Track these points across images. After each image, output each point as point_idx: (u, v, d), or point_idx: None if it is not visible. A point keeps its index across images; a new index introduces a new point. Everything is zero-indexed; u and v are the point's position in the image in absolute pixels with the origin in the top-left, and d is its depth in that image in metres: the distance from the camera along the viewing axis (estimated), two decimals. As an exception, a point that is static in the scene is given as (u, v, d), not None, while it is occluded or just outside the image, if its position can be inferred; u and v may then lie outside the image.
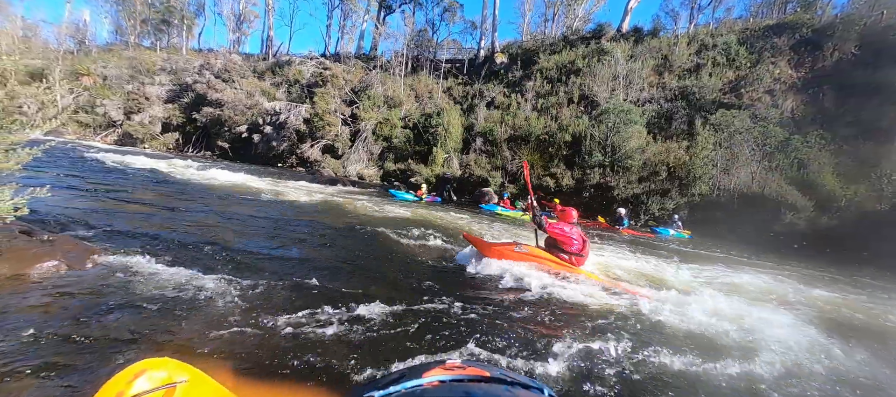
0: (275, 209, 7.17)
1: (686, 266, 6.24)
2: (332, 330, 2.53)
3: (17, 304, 2.30)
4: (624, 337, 2.94)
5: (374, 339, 2.49)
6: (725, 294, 4.37)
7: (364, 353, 2.30)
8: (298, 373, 2.05)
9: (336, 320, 2.66)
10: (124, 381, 0.92)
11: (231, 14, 33.95)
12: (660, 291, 4.24)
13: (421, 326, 2.77)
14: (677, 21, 23.90)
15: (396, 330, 2.67)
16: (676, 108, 15.98)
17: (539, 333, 2.93)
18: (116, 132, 22.79)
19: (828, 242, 10.00)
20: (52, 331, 2.08)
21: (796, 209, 10.90)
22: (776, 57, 16.71)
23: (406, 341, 2.53)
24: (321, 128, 19.09)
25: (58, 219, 4.21)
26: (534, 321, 3.18)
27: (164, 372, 0.98)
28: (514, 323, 3.08)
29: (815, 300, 4.98)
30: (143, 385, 0.93)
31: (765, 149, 12.67)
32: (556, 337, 2.86)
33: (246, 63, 26.92)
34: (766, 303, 4.39)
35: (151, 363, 0.99)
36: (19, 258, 2.72)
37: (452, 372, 0.93)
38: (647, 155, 13.67)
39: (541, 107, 18.30)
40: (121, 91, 24.21)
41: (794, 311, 4.21)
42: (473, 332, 2.77)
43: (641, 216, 12.85)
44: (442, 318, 2.96)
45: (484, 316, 3.12)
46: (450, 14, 28.01)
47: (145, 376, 0.94)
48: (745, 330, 3.36)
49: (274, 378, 1.99)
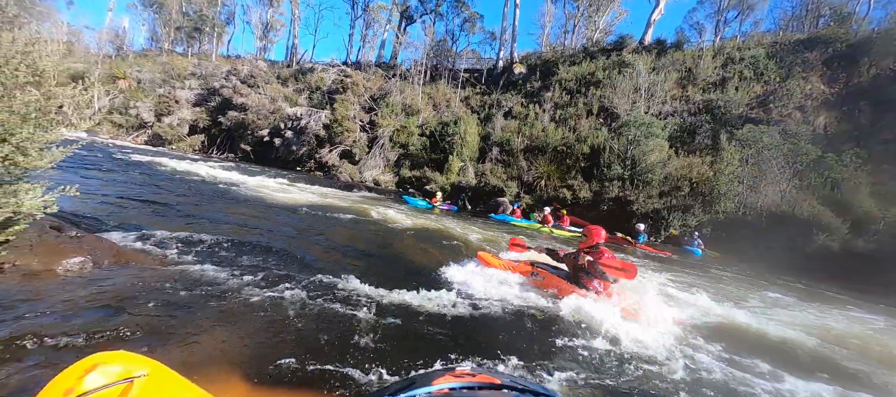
0: (291, 212, 7.28)
1: (708, 288, 5.98)
2: (341, 333, 2.52)
3: (43, 295, 2.38)
4: (640, 359, 2.81)
5: (381, 344, 2.46)
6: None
7: (372, 358, 2.27)
8: (308, 379, 2.04)
9: (345, 324, 2.65)
10: (74, 377, 0.85)
11: (259, 22, 35.29)
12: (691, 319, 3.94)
13: (429, 333, 2.72)
14: (702, 34, 23.46)
15: (405, 336, 2.63)
16: (700, 122, 15.54)
17: (552, 347, 2.84)
18: (147, 133, 23.83)
19: (864, 265, 9.42)
20: (70, 321, 2.13)
21: (830, 230, 10.34)
22: (808, 72, 16.08)
23: (414, 348, 2.49)
24: (340, 134, 19.45)
25: (87, 217, 4.38)
26: (546, 337, 3.09)
27: (118, 366, 0.90)
28: (526, 336, 2.99)
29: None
30: (97, 380, 0.85)
31: (795, 167, 12.13)
32: (569, 351, 2.77)
33: (271, 69, 27.83)
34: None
35: (105, 357, 0.91)
36: (49, 252, 2.83)
37: (462, 379, 0.92)
38: (669, 169, 13.30)
39: (559, 119, 18.13)
40: (153, 94, 25.41)
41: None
42: (483, 342, 2.71)
43: (661, 232, 12.46)
44: (451, 326, 2.90)
45: (494, 327, 3.05)
46: (470, 25, 28.32)
47: (98, 370, 0.87)
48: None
49: (286, 382, 1.98)
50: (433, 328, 2.87)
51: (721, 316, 4.28)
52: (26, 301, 2.27)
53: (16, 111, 1.70)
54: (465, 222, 10.15)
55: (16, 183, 1.86)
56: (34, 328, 2.03)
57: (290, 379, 2.01)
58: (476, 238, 7.56)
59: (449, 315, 3.16)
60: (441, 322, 3.02)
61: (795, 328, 4.22)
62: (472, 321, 3.11)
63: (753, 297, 5.80)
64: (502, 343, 2.81)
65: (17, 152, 1.75)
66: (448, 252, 5.77)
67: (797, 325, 4.38)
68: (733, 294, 5.80)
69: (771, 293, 6.30)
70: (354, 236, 6.07)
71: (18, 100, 1.69)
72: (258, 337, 2.36)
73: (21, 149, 1.78)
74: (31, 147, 1.86)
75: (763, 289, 6.61)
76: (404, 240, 6.09)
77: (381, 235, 6.43)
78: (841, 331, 4.49)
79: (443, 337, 2.74)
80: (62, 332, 2.04)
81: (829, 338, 4.07)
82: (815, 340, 3.89)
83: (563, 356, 2.79)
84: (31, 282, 2.49)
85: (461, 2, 28.17)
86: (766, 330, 3.97)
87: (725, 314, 4.36)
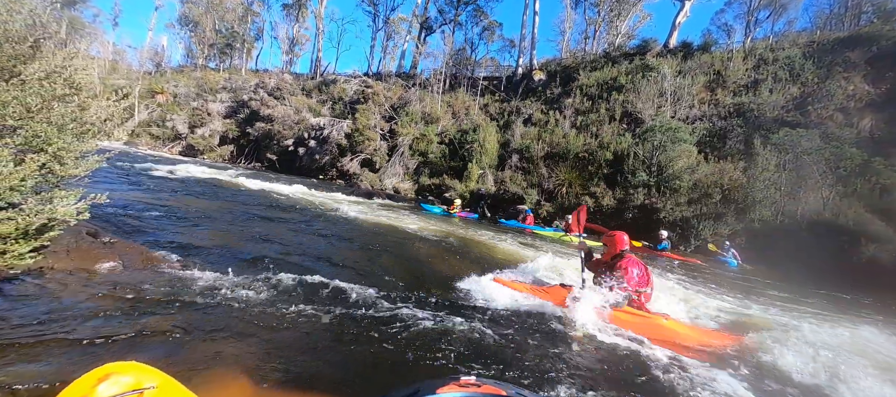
0: (313, 219, 7.43)
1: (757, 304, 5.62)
2: (349, 339, 2.50)
3: (75, 298, 2.50)
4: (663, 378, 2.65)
5: (386, 351, 2.43)
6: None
7: (376, 365, 2.24)
8: (314, 384, 2.03)
9: (352, 329, 2.63)
10: (87, 386, 0.88)
11: (285, 37, 36.75)
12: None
13: (436, 342, 2.66)
14: (731, 35, 22.52)
15: (410, 343, 2.59)
16: (731, 126, 14.86)
17: (561, 363, 2.71)
18: (181, 144, 25.14)
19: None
20: (97, 324, 2.22)
21: (879, 240, 9.56)
22: (849, 72, 15.12)
23: (419, 356, 2.44)
24: (361, 143, 19.83)
25: (120, 223, 4.61)
26: (557, 352, 2.96)
27: (130, 376, 0.93)
28: (536, 351, 2.88)
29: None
30: (109, 390, 0.88)
31: (838, 173, 11.34)
32: (578, 368, 2.64)
33: (296, 82, 28.86)
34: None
35: (117, 367, 0.94)
36: (83, 257, 2.98)
37: (467, 389, 0.92)
38: (698, 175, 12.73)
39: (580, 125, 17.79)
40: (187, 107, 26.85)
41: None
42: (489, 353, 2.63)
43: (691, 241, 11.90)
44: (458, 336, 2.83)
45: (502, 339, 2.95)
46: (489, 33, 28.46)
47: (110, 380, 0.89)
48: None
49: (293, 390, 1.98)
50: (439, 337, 2.82)
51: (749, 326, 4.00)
52: (59, 303, 2.38)
53: (53, 122, 1.80)
54: (484, 230, 10.05)
55: (51, 190, 1.97)
56: (64, 329, 2.12)
57: (297, 386, 2.00)
58: (497, 247, 7.46)
59: (458, 326, 3.09)
60: (448, 331, 2.96)
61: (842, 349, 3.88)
62: (480, 334, 3.03)
63: (796, 314, 5.40)
64: (509, 356, 2.72)
65: (54, 161, 1.86)
66: (464, 261, 5.71)
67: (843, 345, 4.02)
68: (774, 311, 5.42)
69: (812, 308, 5.86)
70: (370, 243, 6.11)
71: (55, 111, 1.80)
72: (269, 344, 2.38)
73: (57, 157, 1.88)
74: (67, 156, 1.97)
75: (806, 305, 6.15)
76: (419, 247, 6.09)
77: (396, 242, 6.44)
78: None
79: (448, 348, 2.67)
80: (89, 334, 2.12)
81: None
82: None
83: (578, 374, 2.67)
84: (66, 285, 2.62)
85: (480, 11, 28.42)
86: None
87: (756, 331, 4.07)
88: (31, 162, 1.72)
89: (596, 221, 13.06)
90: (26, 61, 1.71)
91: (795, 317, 4.83)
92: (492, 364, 2.51)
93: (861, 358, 3.52)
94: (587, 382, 2.49)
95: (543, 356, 2.77)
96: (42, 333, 2.03)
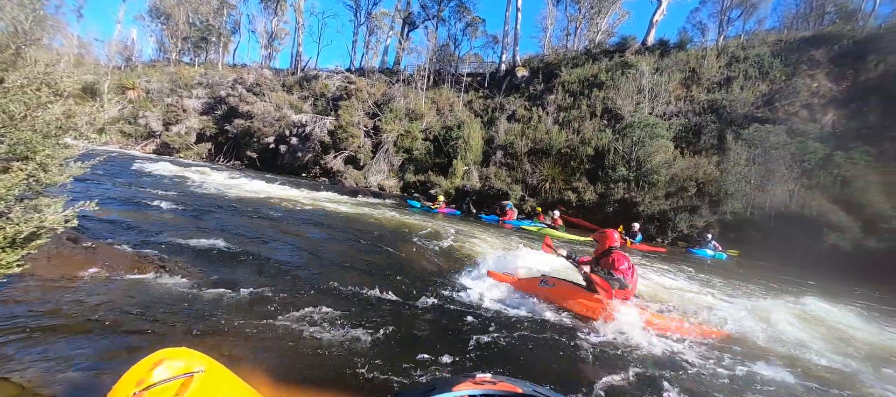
0: (299, 218, 7.37)
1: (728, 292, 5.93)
2: (358, 336, 2.55)
3: (61, 305, 2.45)
4: (664, 376, 2.82)
5: (400, 348, 2.49)
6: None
7: (391, 362, 2.30)
8: (326, 379, 2.08)
9: (361, 327, 2.68)
10: (145, 369, 0.94)
11: (264, 31, 35.73)
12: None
13: (448, 339, 2.74)
14: (705, 33, 23.36)
15: (423, 340, 2.66)
16: (705, 122, 15.46)
17: (565, 359, 2.85)
18: (155, 142, 24.21)
19: (876, 265, 9.29)
20: (87, 329, 2.19)
21: (841, 229, 10.21)
22: (813, 69, 15.94)
23: (433, 353, 2.51)
24: (344, 140, 19.61)
25: (100, 227, 4.48)
26: (559, 348, 3.10)
27: (182, 361, 1.00)
28: (536, 347, 3.01)
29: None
30: (163, 373, 0.94)
31: (804, 166, 12.01)
32: (585, 363, 2.77)
33: (276, 77, 28.17)
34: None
35: (170, 352, 1.01)
36: (66, 263, 2.91)
37: (483, 386, 0.93)
38: (675, 170, 13.22)
39: (562, 121, 18.12)
40: (161, 104, 25.82)
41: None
42: (504, 351, 2.73)
43: (668, 233, 12.38)
44: (471, 333, 2.93)
45: (503, 336, 3.06)
46: (472, 29, 28.49)
47: (165, 365, 0.96)
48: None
49: (301, 382, 2.02)
50: (452, 334, 2.90)
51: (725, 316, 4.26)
52: (45, 310, 2.33)
53: (38, 130, 1.77)
54: (468, 226, 10.17)
55: (36, 198, 1.93)
56: (52, 335, 2.09)
57: (301, 380, 2.05)
58: (475, 242, 7.58)
59: (460, 322, 3.19)
60: (452, 329, 3.04)
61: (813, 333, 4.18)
62: (480, 329, 3.13)
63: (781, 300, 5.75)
64: (509, 352, 2.83)
65: (40, 169, 1.82)
66: (448, 259, 5.79)
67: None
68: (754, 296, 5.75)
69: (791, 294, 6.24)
70: (363, 241, 6.12)
71: (40, 119, 1.77)
72: (263, 343, 2.40)
73: (43, 165, 1.85)
74: (52, 163, 1.93)
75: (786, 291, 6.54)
76: (409, 245, 6.13)
77: (389, 240, 6.47)
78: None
79: (463, 344, 2.76)
80: (78, 341, 2.10)
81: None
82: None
83: (577, 367, 2.80)
84: (51, 292, 2.56)
85: (463, 6, 28.38)
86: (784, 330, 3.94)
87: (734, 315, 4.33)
88: (18, 171, 1.69)
89: (580, 217, 13.41)
90: (8, 69, 1.67)
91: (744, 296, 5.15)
92: (488, 356, 2.60)
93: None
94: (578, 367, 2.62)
95: (540, 347, 2.89)
96: (29, 341, 2.00)
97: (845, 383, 2.96)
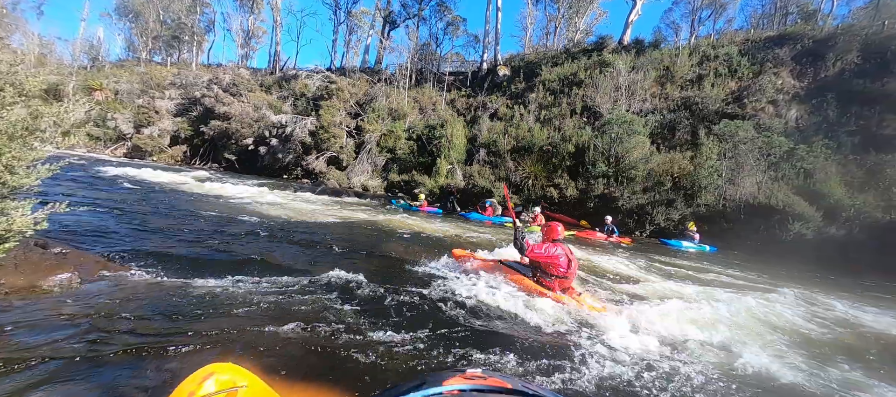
0: (279, 220, 7.25)
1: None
2: (345, 335, 2.56)
3: (30, 314, 2.36)
4: (623, 360, 2.94)
5: (389, 346, 2.51)
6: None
7: (380, 359, 2.32)
8: (309, 377, 2.09)
9: (348, 326, 2.69)
10: (195, 382, 1.00)
11: (240, 30, 34.80)
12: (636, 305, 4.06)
13: (435, 337, 2.78)
14: (678, 33, 24.18)
15: (411, 338, 2.69)
16: (679, 119, 16.02)
17: (525, 347, 2.93)
18: (126, 145, 23.24)
19: (836, 251, 9.89)
20: (59, 341, 2.13)
21: (804, 219, 10.80)
22: (778, 67, 16.77)
23: (421, 350, 2.55)
24: (326, 141, 19.33)
25: (70, 232, 4.30)
26: (501, 337, 3.18)
27: (227, 375, 1.05)
28: (491, 337, 3.08)
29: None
30: (210, 387, 0.99)
31: (770, 159, 12.63)
32: (536, 350, 2.87)
33: (253, 77, 27.48)
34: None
35: (218, 367, 1.06)
36: (34, 270, 2.79)
37: (473, 381, 0.93)
38: (651, 165, 13.67)
39: (543, 119, 18.42)
40: (131, 105, 24.78)
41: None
42: (493, 345, 2.78)
43: (646, 226, 12.79)
44: (459, 330, 2.97)
45: (499, 330, 3.13)
46: (453, 28, 28.55)
47: (213, 378, 1.01)
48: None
49: (285, 380, 2.02)
50: (439, 331, 2.94)
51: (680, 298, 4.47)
52: (12, 320, 2.25)
53: (3, 131, 1.71)
54: (449, 223, 10.24)
55: (3, 201, 1.86)
56: (18, 345, 2.02)
57: (284, 379, 2.05)
58: (454, 236, 7.66)
59: (457, 318, 3.23)
60: (449, 325, 3.08)
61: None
62: (476, 326, 3.18)
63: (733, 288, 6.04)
64: (502, 346, 2.89)
65: (6, 171, 1.76)
66: (424, 251, 5.84)
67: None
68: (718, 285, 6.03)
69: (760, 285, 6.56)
70: (348, 242, 6.08)
71: (5, 120, 1.70)
72: (249, 344, 2.39)
73: (9, 168, 1.78)
74: (18, 165, 1.87)
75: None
76: (390, 243, 6.14)
77: (372, 238, 6.45)
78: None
79: (450, 340, 2.80)
80: (58, 348, 2.04)
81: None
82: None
83: (532, 355, 2.89)
84: (19, 300, 2.46)
85: (444, 5, 28.41)
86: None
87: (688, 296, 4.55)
88: (-18, 173, 1.63)
89: (562, 213, 13.67)
90: (-30, 67, 1.61)
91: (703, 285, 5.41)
92: (489, 349, 2.65)
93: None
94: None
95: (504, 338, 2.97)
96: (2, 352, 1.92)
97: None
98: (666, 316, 3.70)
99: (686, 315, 3.82)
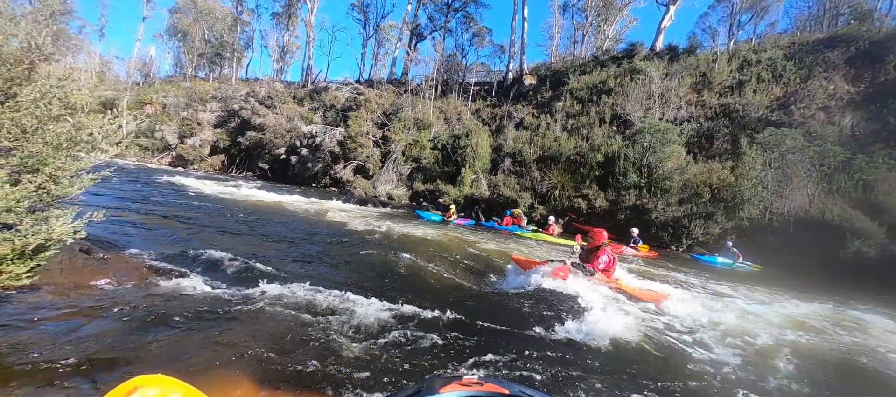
0: (310, 228, 7.41)
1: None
2: (347, 343, 2.51)
3: (73, 316, 2.47)
4: (655, 364, 2.71)
5: (388, 353, 2.45)
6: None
7: (379, 366, 2.26)
8: (319, 385, 2.05)
9: (350, 334, 2.64)
10: None
11: (276, 46, 36.63)
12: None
13: (436, 341, 2.69)
14: (715, 38, 23.10)
15: (412, 343, 2.61)
16: (718, 127, 15.16)
17: (562, 356, 2.75)
18: (171, 155, 24.85)
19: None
20: (96, 340, 2.20)
21: (865, 235, 9.82)
22: (830, 71, 15.56)
23: (421, 355, 2.47)
24: (354, 150, 19.82)
25: (114, 238, 4.56)
26: (557, 345, 3.00)
27: (156, 389, 0.95)
28: (534, 344, 2.92)
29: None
30: None
31: (823, 170, 11.64)
32: (579, 360, 2.68)
33: (287, 90, 28.76)
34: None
35: (145, 380, 0.96)
36: (77, 274, 2.95)
37: (470, 388, 0.93)
38: (688, 175, 12.96)
39: (571, 128, 17.99)
40: (177, 117, 26.58)
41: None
42: (490, 350, 2.66)
43: (683, 240, 12.08)
44: (458, 335, 2.86)
45: (503, 335, 2.98)
46: (479, 39, 28.69)
47: (138, 393, 0.91)
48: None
49: (298, 389, 1.99)
50: (438, 336, 2.84)
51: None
52: (57, 321, 2.36)
53: (48, 142, 1.81)
54: (480, 236, 10.10)
55: (47, 210, 1.96)
56: (66, 347, 2.10)
57: (302, 388, 2.02)
58: (490, 250, 7.50)
59: (456, 323, 3.12)
60: (448, 330, 2.98)
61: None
62: (480, 330, 3.06)
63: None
64: (511, 351, 2.75)
65: (50, 181, 1.86)
66: (461, 263, 5.73)
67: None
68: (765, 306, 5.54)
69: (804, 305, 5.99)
70: (366, 250, 6.11)
71: (51, 131, 1.80)
72: (271, 349, 2.38)
73: (53, 177, 1.88)
74: (63, 175, 1.97)
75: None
76: (415, 252, 6.09)
77: (393, 248, 6.44)
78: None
79: (449, 345, 2.70)
80: (90, 352, 2.11)
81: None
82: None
83: (571, 364, 2.71)
84: (62, 303, 2.59)
85: (470, 17, 28.67)
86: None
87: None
88: (28, 182, 1.72)
89: (590, 224, 13.19)
90: (22, 83, 1.72)
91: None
92: (486, 354, 2.53)
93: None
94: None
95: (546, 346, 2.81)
96: (41, 352, 2.01)
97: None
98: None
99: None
